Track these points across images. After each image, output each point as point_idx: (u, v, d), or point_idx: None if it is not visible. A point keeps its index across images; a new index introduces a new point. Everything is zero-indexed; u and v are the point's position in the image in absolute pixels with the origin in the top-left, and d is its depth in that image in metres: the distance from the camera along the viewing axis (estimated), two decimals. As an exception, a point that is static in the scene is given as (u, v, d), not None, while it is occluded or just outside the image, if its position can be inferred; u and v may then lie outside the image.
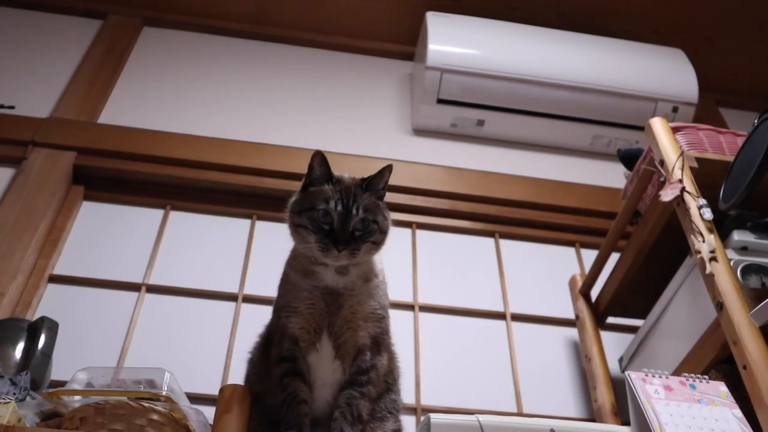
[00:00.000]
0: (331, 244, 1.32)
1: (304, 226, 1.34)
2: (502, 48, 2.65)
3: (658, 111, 2.62)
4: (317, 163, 1.39)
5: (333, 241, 1.32)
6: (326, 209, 1.34)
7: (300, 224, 1.35)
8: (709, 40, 3.00)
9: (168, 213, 2.28)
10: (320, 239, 1.33)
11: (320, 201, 1.35)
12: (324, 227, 1.33)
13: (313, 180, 1.39)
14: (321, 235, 1.33)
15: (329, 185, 1.37)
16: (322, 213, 1.34)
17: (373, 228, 1.36)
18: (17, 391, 1.38)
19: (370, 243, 1.36)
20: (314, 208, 1.35)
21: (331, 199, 1.34)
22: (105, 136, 2.36)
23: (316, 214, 1.34)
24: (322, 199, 1.35)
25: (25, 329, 1.61)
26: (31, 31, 2.76)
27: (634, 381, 1.33)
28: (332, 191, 1.36)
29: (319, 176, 1.39)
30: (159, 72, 2.72)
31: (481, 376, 2.06)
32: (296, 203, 1.39)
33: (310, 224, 1.34)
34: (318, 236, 1.33)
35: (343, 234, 1.32)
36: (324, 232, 1.33)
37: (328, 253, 1.32)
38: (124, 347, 1.92)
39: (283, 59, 2.90)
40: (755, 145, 1.54)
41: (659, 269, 1.84)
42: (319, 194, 1.36)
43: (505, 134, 2.69)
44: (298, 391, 1.33)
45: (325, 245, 1.32)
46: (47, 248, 2.08)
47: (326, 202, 1.34)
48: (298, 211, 1.37)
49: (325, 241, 1.32)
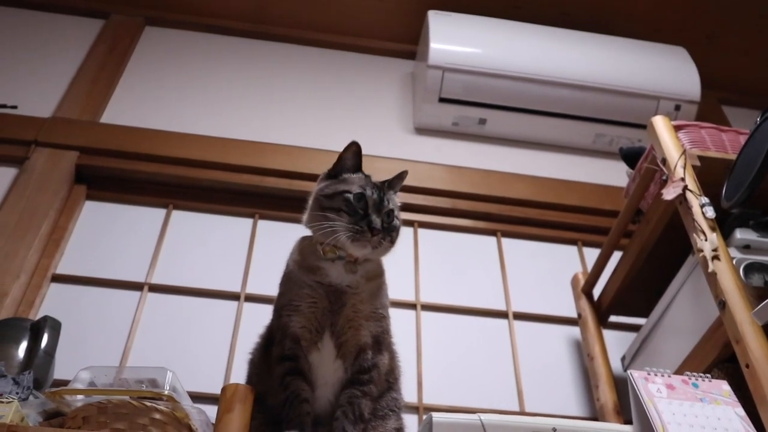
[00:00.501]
0: (366, 227, 1.32)
1: (336, 209, 1.34)
2: (504, 46, 2.64)
3: (661, 109, 2.62)
4: (352, 153, 1.43)
5: (368, 224, 1.32)
6: (362, 194, 1.35)
7: (331, 207, 1.35)
8: (712, 38, 3.00)
9: (170, 212, 2.28)
10: (355, 221, 1.33)
11: (356, 186, 1.37)
12: (359, 211, 1.34)
13: (345, 168, 1.42)
14: (356, 218, 1.33)
15: (362, 174, 1.41)
16: (357, 197, 1.35)
17: (396, 223, 1.39)
18: (20, 390, 1.38)
19: (391, 238, 1.37)
20: (350, 192, 1.35)
21: (367, 186, 1.37)
22: (107, 136, 2.37)
23: (352, 196, 1.35)
24: (357, 185, 1.37)
25: (28, 329, 1.61)
26: (33, 31, 2.76)
27: (637, 380, 1.33)
28: (365, 180, 1.39)
29: (351, 166, 1.42)
30: (161, 71, 2.73)
31: (484, 375, 2.06)
32: (327, 187, 1.39)
33: (344, 206, 1.34)
34: (353, 218, 1.33)
35: (377, 219, 1.34)
36: (358, 216, 1.33)
37: (360, 237, 1.32)
38: (127, 346, 1.92)
39: (285, 58, 2.90)
40: (757, 144, 1.53)
41: (662, 268, 1.84)
42: (354, 180, 1.39)
43: (507, 133, 2.69)
44: (299, 390, 1.33)
45: (360, 228, 1.32)
46: (50, 248, 2.08)
47: (362, 187, 1.37)
48: (330, 194, 1.37)
49: (360, 224, 1.32)
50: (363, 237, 1.32)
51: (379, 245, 1.35)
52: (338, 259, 1.38)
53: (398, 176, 1.44)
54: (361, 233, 1.32)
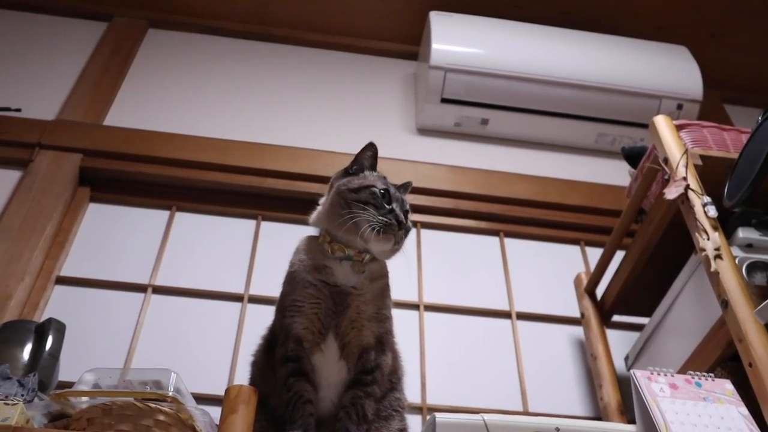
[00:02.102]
0: (394, 220, 1.35)
1: (363, 201, 1.37)
2: (505, 47, 2.65)
3: (663, 108, 2.62)
4: (371, 154, 1.46)
5: (395, 218, 1.35)
6: (388, 190, 1.39)
7: (358, 200, 1.37)
8: (714, 37, 3.00)
9: (174, 214, 2.29)
10: (384, 214, 1.35)
11: (380, 182, 1.41)
12: (386, 205, 1.37)
13: (363, 167, 1.45)
14: (385, 211, 1.36)
15: (380, 174, 1.45)
16: (383, 192, 1.38)
17: (410, 224, 1.42)
18: (25, 392, 1.39)
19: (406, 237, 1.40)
20: (376, 186, 1.39)
21: (389, 186, 1.41)
22: (111, 138, 2.37)
23: (379, 191, 1.38)
24: (380, 182, 1.41)
25: (32, 331, 1.62)
26: (36, 34, 2.77)
27: (640, 379, 1.33)
28: (385, 180, 1.43)
29: (370, 166, 1.45)
30: (164, 73, 2.73)
31: (487, 375, 2.06)
32: (351, 181, 1.42)
33: (372, 199, 1.37)
34: (382, 211, 1.36)
35: (401, 215, 1.37)
36: (386, 210, 1.36)
37: (388, 229, 1.35)
38: (131, 348, 1.93)
39: (287, 60, 2.90)
40: (759, 143, 1.53)
41: (664, 267, 1.84)
42: (376, 178, 1.42)
43: (509, 133, 2.69)
44: (303, 391, 1.33)
45: (388, 220, 1.35)
46: (54, 250, 2.09)
47: (385, 185, 1.41)
48: (356, 188, 1.39)
49: (389, 217, 1.35)
50: (390, 229, 1.35)
51: (401, 241, 1.38)
52: (346, 258, 1.38)
53: (404, 185, 1.48)
54: (389, 225, 1.35)
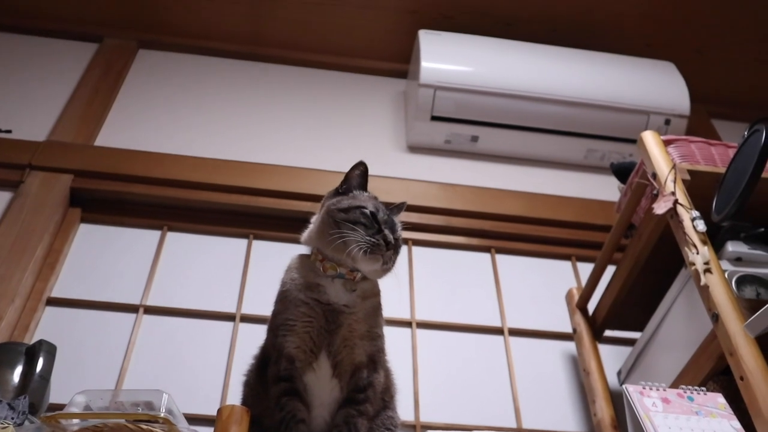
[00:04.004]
0: (382, 241, 1.35)
1: (352, 221, 1.37)
2: (494, 64, 2.67)
3: (651, 124, 2.64)
4: (360, 173, 1.46)
5: (384, 238, 1.35)
6: (377, 211, 1.39)
7: (347, 220, 1.37)
8: (700, 52, 3.03)
9: (165, 234, 2.29)
10: (373, 234, 1.36)
11: (369, 203, 1.41)
12: (374, 225, 1.37)
13: (353, 186, 1.45)
14: (373, 231, 1.36)
15: (370, 194, 1.45)
16: (373, 213, 1.38)
17: (401, 245, 1.42)
18: (15, 415, 1.38)
19: (394, 260, 1.39)
20: (365, 207, 1.39)
21: (378, 206, 1.41)
22: (101, 159, 2.38)
23: (368, 212, 1.38)
24: (371, 203, 1.41)
25: (23, 353, 1.61)
26: (27, 55, 2.78)
27: (632, 394, 1.33)
28: (375, 201, 1.43)
29: (358, 185, 1.45)
30: (154, 94, 2.74)
31: (480, 392, 2.06)
32: (341, 201, 1.42)
33: (362, 218, 1.37)
34: (371, 231, 1.36)
35: (390, 235, 1.37)
36: (374, 230, 1.37)
37: (375, 249, 1.34)
38: (123, 369, 1.92)
39: (278, 79, 2.92)
40: (746, 157, 1.55)
41: (655, 281, 1.85)
42: (367, 198, 1.42)
43: (499, 149, 2.71)
44: (295, 410, 1.33)
45: (375, 240, 1.35)
46: (45, 271, 2.08)
47: (375, 206, 1.40)
48: (346, 208, 1.39)
49: (377, 237, 1.35)
50: (378, 250, 1.35)
51: (390, 261, 1.38)
52: (338, 277, 1.39)
53: (398, 206, 1.48)
54: (377, 246, 1.35)
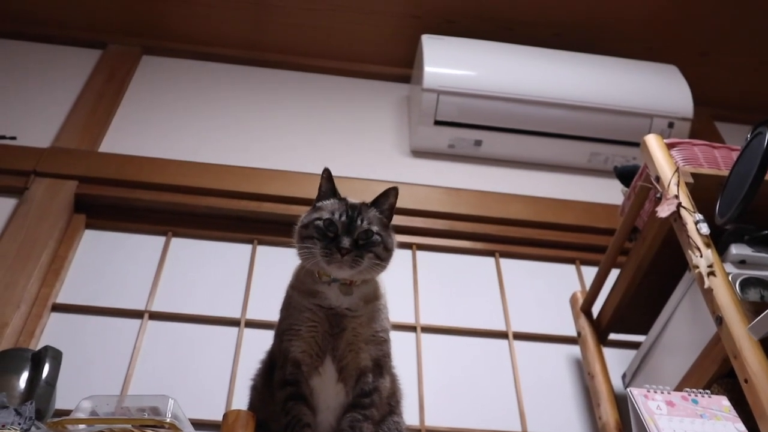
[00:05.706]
0: (335, 249, 1.35)
1: (310, 237, 1.39)
2: (497, 68, 2.67)
3: (654, 127, 2.64)
4: (325, 179, 1.47)
5: (336, 245, 1.35)
6: (331, 219, 1.39)
7: (307, 235, 1.40)
8: (703, 55, 3.03)
9: (169, 240, 2.29)
10: (325, 245, 1.37)
11: (326, 212, 1.41)
12: (329, 235, 1.38)
13: (321, 196, 1.47)
14: (326, 242, 1.37)
15: (335, 199, 1.45)
16: (327, 222, 1.39)
17: (376, 239, 1.39)
18: (22, 421, 1.39)
19: (373, 254, 1.38)
20: (320, 218, 1.40)
21: (336, 211, 1.41)
22: (106, 165, 2.38)
23: (322, 223, 1.39)
24: (327, 210, 1.41)
25: (29, 359, 1.61)
26: (31, 62, 2.79)
27: (636, 397, 1.33)
28: (338, 204, 1.43)
29: (325, 192, 1.46)
30: (158, 100, 2.75)
31: (485, 396, 2.06)
32: (304, 217, 1.45)
33: (316, 233, 1.39)
34: (323, 243, 1.37)
35: (345, 240, 1.36)
36: (328, 239, 1.37)
37: (331, 258, 1.35)
38: (128, 375, 1.92)
39: (281, 84, 2.92)
40: (749, 160, 1.55)
41: (659, 285, 1.85)
42: (325, 207, 1.43)
43: (502, 154, 2.71)
44: (301, 414, 1.34)
45: (329, 250, 1.36)
46: (50, 277, 2.09)
47: (331, 213, 1.41)
48: (306, 223, 1.42)
49: (330, 247, 1.36)
50: (334, 258, 1.36)
51: (356, 264, 1.37)
52: (333, 281, 1.40)
53: (384, 193, 1.46)
54: (331, 255, 1.36)
